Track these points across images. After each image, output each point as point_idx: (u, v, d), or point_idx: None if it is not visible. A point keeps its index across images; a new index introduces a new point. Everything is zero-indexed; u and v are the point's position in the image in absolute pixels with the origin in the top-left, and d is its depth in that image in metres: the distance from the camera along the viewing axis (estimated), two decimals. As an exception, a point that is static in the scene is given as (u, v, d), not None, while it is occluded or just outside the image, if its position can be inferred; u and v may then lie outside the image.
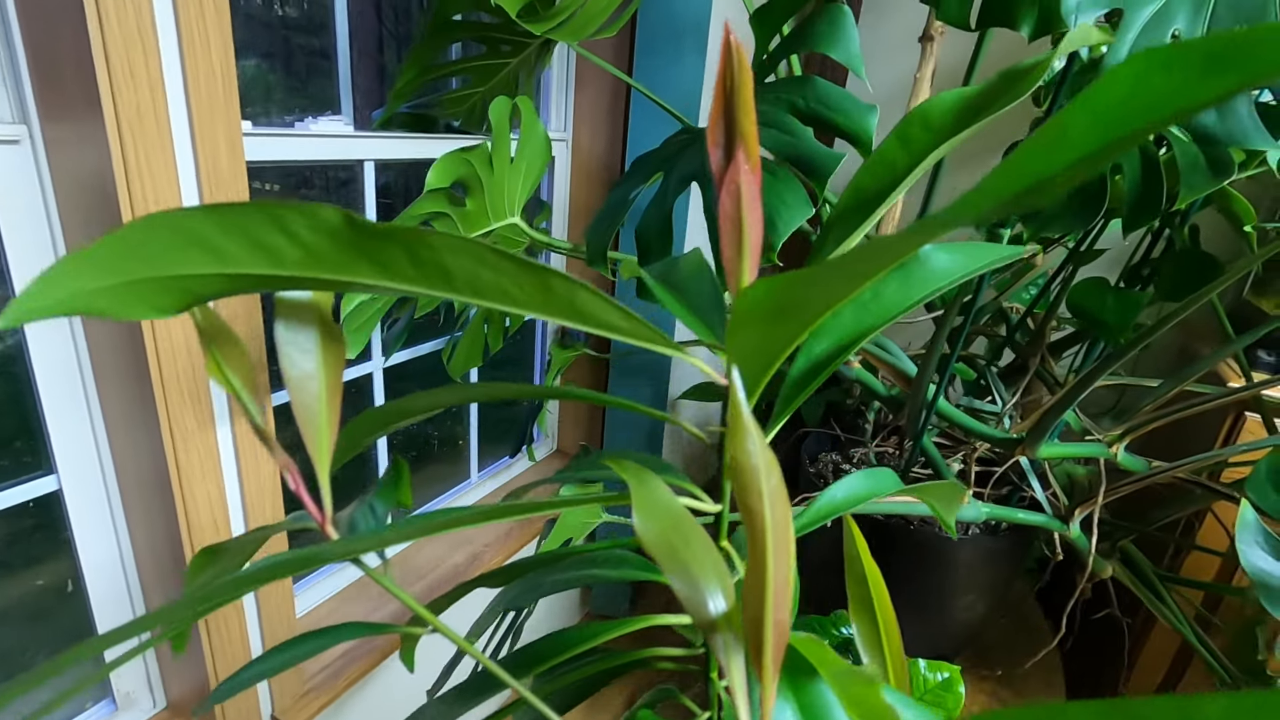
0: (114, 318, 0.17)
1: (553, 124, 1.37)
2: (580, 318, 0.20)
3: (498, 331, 1.23)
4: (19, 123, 0.67)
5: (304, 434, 0.21)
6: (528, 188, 0.85)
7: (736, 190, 0.21)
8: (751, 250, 0.21)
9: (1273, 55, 0.10)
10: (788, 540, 0.17)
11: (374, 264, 0.18)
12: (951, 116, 0.25)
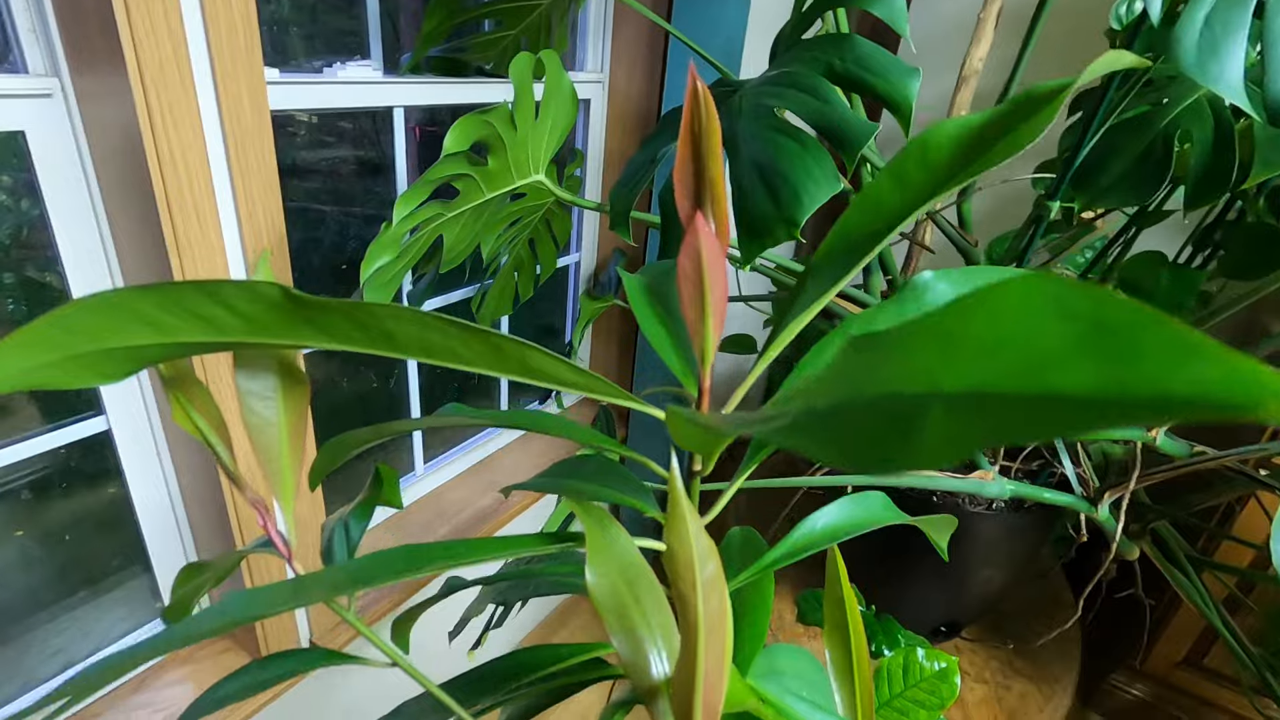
0: (62, 388, 0.17)
1: (589, 63, 1.32)
2: (532, 375, 0.20)
3: (528, 279, 1.22)
4: (50, 75, 0.67)
5: (267, 475, 0.22)
6: (554, 143, 0.82)
7: (696, 253, 0.19)
8: (715, 314, 0.20)
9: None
10: (722, 628, 0.17)
11: (317, 329, 0.18)
12: (951, 152, 0.23)
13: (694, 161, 0.20)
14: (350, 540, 0.29)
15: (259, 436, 0.22)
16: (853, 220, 0.24)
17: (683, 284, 0.20)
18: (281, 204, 0.78)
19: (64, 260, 0.73)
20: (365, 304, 0.17)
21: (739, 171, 0.66)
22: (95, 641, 0.91)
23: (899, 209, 0.23)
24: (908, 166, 0.23)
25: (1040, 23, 0.85)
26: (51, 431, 0.78)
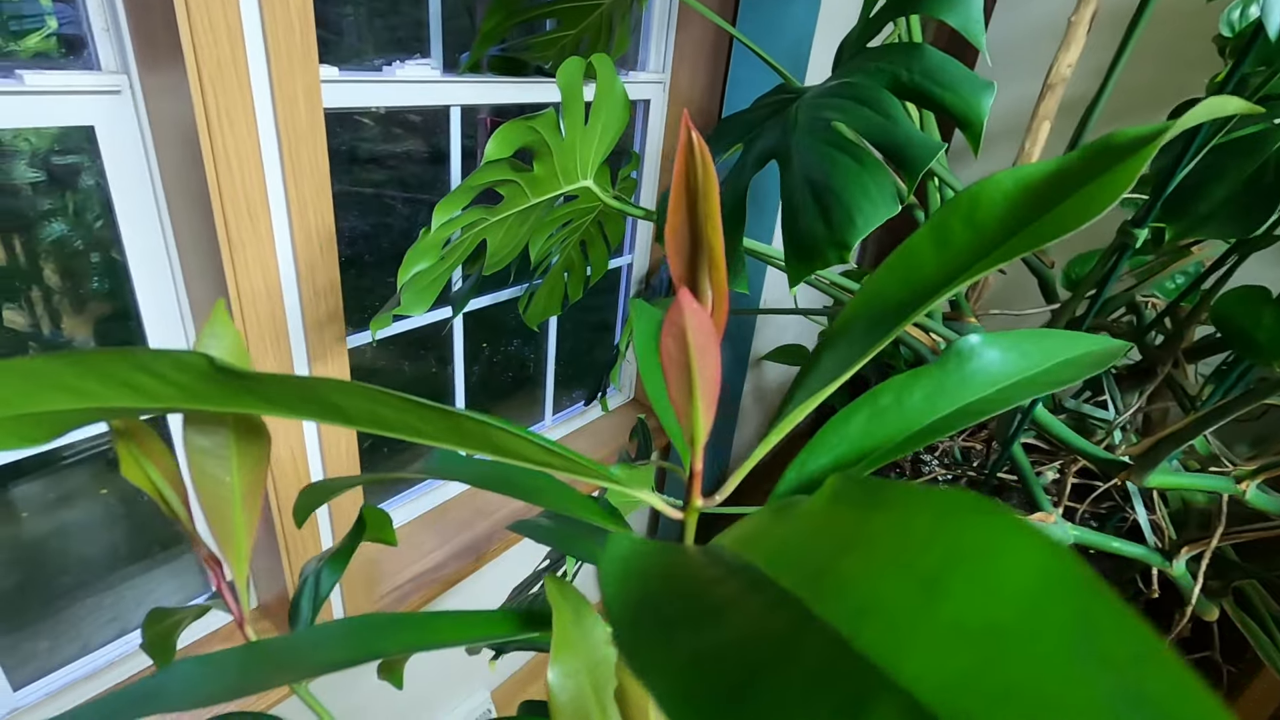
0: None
1: (651, 63, 1.30)
2: (497, 451, 0.18)
3: (578, 281, 1.21)
4: (120, 72, 0.69)
5: (217, 537, 0.21)
6: (603, 148, 0.81)
7: (681, 333, 0.17)
8: (705, 398, 0.17)
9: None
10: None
11: (257, 398, 0.16)
12: (1006, 212, 0.19)
13: (689, 224, 0.18)
14: (319, 594, 0.28)
15: (209, 496, 0.21)
16: (883, 284, 0.21)
17: (667, 366, 0.17)
18: (331, 202, 0.79)
19: (127, 254, 0.76)
20: (308, 379, 0.15)
21: (790, 187, 0.62)
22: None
23: (936, 277, 0.20)
24: (952, 224, 0.20)
25: (1140, 27, 0.78)
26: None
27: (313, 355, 0.84)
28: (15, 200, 0.95)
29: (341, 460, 0.91)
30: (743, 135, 0.75)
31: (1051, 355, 0.24)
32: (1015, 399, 0.23)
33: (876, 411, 0.25)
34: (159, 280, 0.78)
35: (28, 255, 1.37)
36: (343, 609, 1.04)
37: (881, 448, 0.24)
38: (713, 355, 0.17)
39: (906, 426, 0.24)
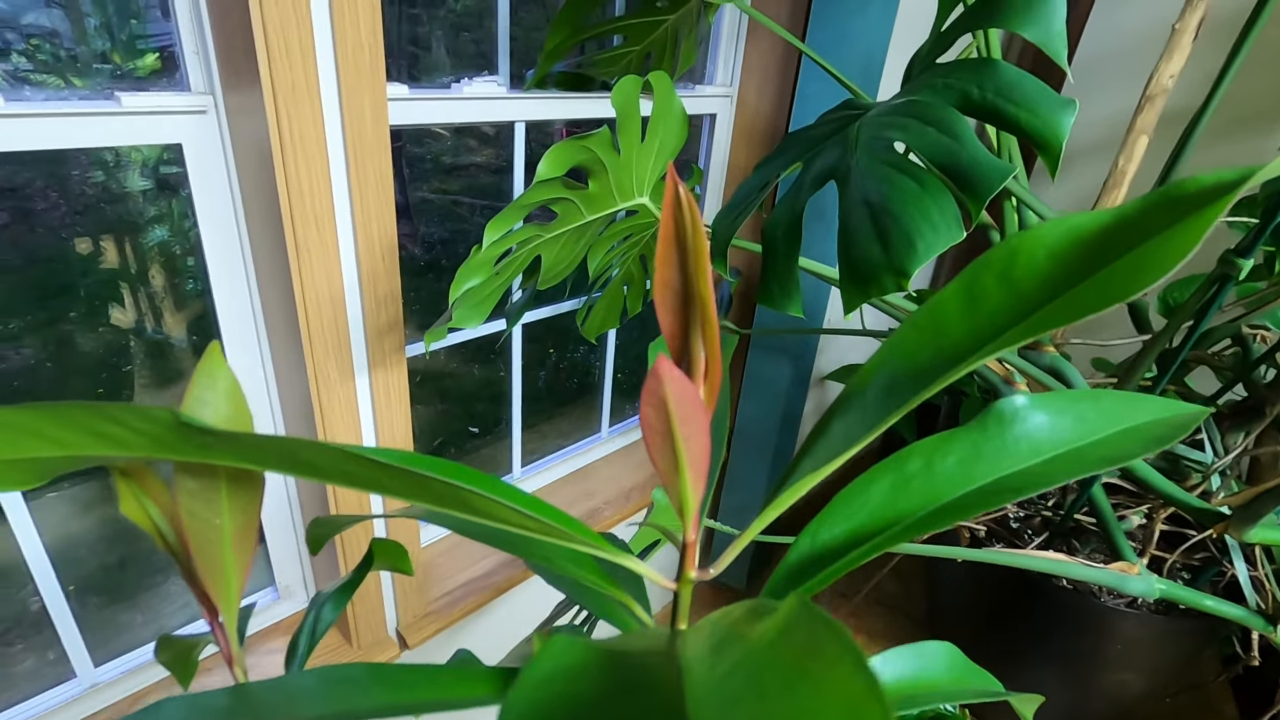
0: (-28, 488, 0.16)
1: (718, 77, 1.28)
2: (470, 511, 0.17)
3: (638, 295, 1.21)
4: (206, 93, 0.74)
5: (206, 578, 0.21)
6: (660, 165, 0.80)
7: (662, 403, 0.16)
8: (693, 469, 0.16)
9: None
10: None
11: (230, 450, 0.16)
12: (1050, 270, 0.17)
13: (680, 278, 0.16)
14: (317, 632, 0.28)
15: (198, 537, 0.21)
16: (907, 343, 0.19)
17: (649, 436, 0.16)
18: (394, 215, 0.81)
19: (208, 260, 0.80)
20: (276, 438, 0.15)
21: (848, 208, 0.60)
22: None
23: (964, 343, 0.18)
24: (985, 281, 0.18)
25: (1254, 31, 0.72)
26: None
27: (373, 362, 0.86)
28: (126, 207, 1.03)
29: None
30: (803, 153, 0.73)
31: (1111, 422, 0.21)
32: (1063, 475, 0.20)
33: (903, 478, 0.22)
34: (236, 285, 0.83)
35: (135, 258, 1.47)
36: (395, 612, 1.06)
37: (903, 521, 0.21)
38: (699, 425, 0.16)
39: (935, 498, 0.21)
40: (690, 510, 0.18)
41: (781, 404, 1.44)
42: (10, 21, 0.81)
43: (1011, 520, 1.02)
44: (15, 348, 1.64)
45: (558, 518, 0.18)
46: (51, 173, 1.19)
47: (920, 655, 0.26)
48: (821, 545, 0.23)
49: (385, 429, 0.91)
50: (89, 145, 0.69)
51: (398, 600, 1.05)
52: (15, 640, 0.92)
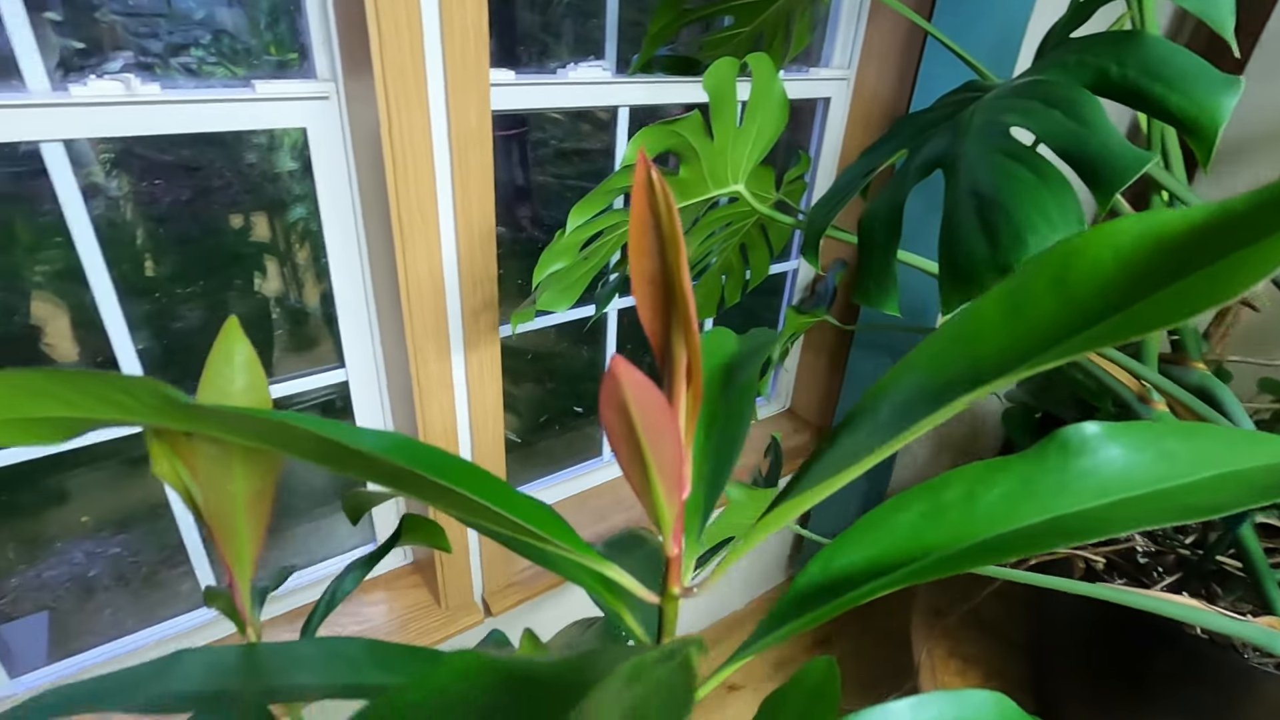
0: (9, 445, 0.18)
1: (835, 59, 1.22)
2: (463, 512, 0.16)
3: (736, 285, 1.19)
4: (330, 80, 0.79)
5: (220, 540, 0.22)
6: (758, 152, 0.77)
7: (622, 405, 0.14)
8: (664, 476, 0.15)
9: None
10: None
11: (213, 422, 0.16)
12: (1115, 274, 0.14)
13: (660, 271, 0.15)
14: (334, 600, 0.29)
15: (212, 500, 0.22)
16: (938, 350, 0.16)
17: (614, 441, 0.15)
18: (493, 199, 0.83)
19: (328, 241, 0.86)
20: (254, 413, 0.15)
21: (953, 200, 0.55)
22: (331, 548, 1.10)
23: (1001, 356, 0.15)
24: (1034, 287, 0.15)
25: None
26: (316, 374, 0.94)
27: (468, 340, 0.90)
28: (277, 187, 1.13)
29: (488, 429, 0.98)
30: (912, 139, 0.67)
31: (1205, 464, 0.17)
32: (1132, 522, 0.17)
33: (936, 508, 0.20)
34: (351, 263, 0.88)
35: (280, 233, 1.61)
36: (481, 580, 1.11)
37: (929, 555, 0.19)
38: (668, 432, 0.15)
39: (970, 534, 0.19)
40: (667, 521, 0.17)
41: (885, 406, 1.37)
42: (171, 18, 0.91)
43: (1139, 554, 0.90)
44: (190, 309, 1.85)
45: (545, 530, 0.17)
46: (227, 154, 1.33)
47: (961, 705, 0.23)
48: (835, 572, 0.20)
49: (478, 404, 0.95)
50: (229, 129, 0.75)
51: (484, 568, 1.10)
52: (160, 569, 1.05)
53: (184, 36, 1.11)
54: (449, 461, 0.18)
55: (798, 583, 0.22)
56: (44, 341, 1.96)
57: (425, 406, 0.89)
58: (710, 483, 0.23)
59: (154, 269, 1.84)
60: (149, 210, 1.82)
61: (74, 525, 1.98)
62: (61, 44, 1.11)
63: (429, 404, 0.89)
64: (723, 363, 0.29)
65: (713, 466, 0.23)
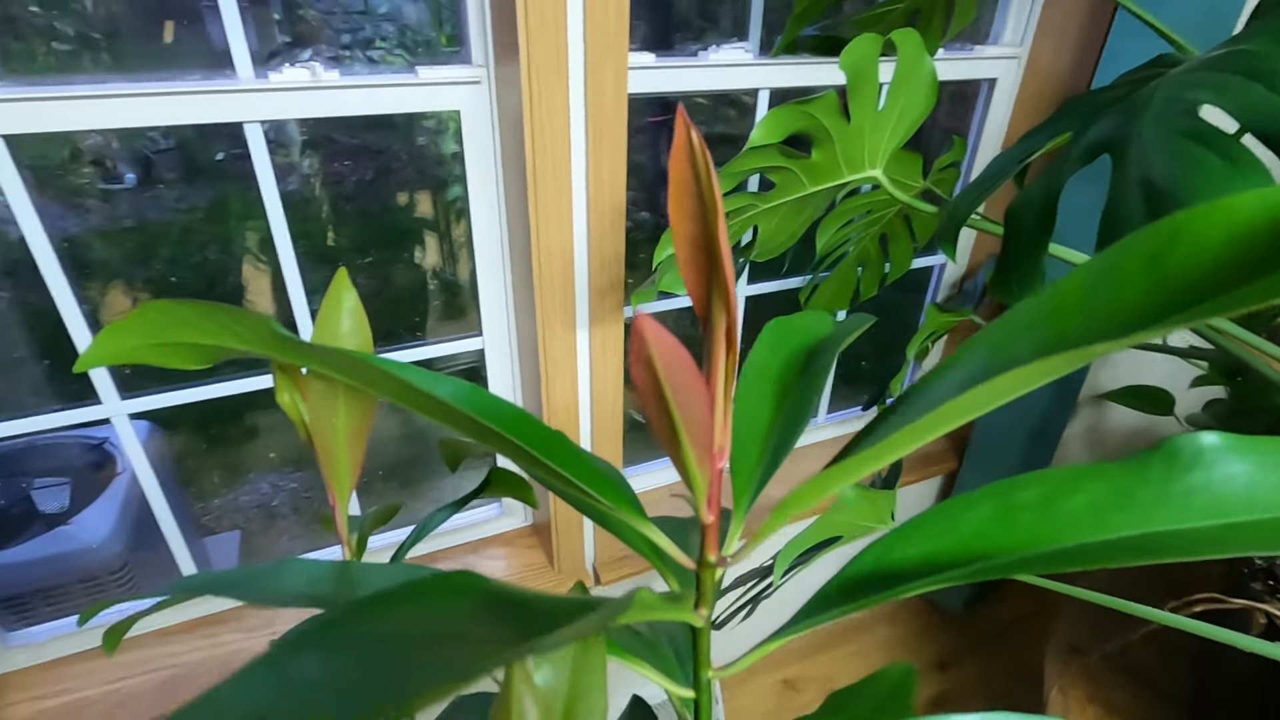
0: (160, 365, 0.21)
1: (1005, 36, 1.11)
2: (527, 462, 0.17)
3: (874, 278, 1.13)
4: (482, 65, 0.84)
5: (324, 468, 0.24)
6: (899, 135, 0.72)
7: (647, 360, 0.14)
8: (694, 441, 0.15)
9: None
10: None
11: (311, 356, 0.19)
12: (1223, 253, 0.11)
13: (702, 232, 0.15)
14: (419, 536, 0.31)
15: (319, 432, 0.25)
16: (1005, 332, 0.15)
17: (643, 399, 0.15)
18: (625, 181, 0.85)
19: (473, 218, 0.92)
20: (347, 353, 0.17)
21: (1118, 189, 0.49)
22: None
23: (1077, 337, 0.13)
24: (1127, 266, 0.13)
25: None
26: (458, 340, 1.02)
27: (593, 317, 0.93)
28: (441, 168, 1.23)
29: (608, 401, 1.01)
30: (1079, 120, 0.61)
31: None
32: (1250, 544, 0.15)
33: (1007, 508, 0.18)
34: (492, 238, 0.94)
35: (439, 211, 1.75)
36: (593, 550, 1.15)
37: (993, 558, 0.17)
38: (696, 393, 0.14)
39: (1042, 539, 0.17)
40: (700, 488, 0.17)
41: (1034, 417, 1.25)
42: (360, 14, 1.00)
43: (1253, 583, 0.76)
44: (364, 277, 2.06)
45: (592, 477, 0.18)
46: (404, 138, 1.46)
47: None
48: (889, 564, 0.19)
49: (599, 379, 0.98)
50: (394, 111, 0.83)
51: (596, 537, 1.14)
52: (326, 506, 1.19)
53: (371, 30, 1.23)
54: (511, 412, 0.19)
55: (847, 570, 0.21)
56: (245, 298, 2.25)
57: (550, 378, 0.93)
58: (769, 459, 0.22)
59: (335, 239, 2.06)
60: (338, 188, 2.04)
61: (263, 460, 2.29)
62: (276, 38, 1.26)
63: (553, 376, 0.94)
64: (809, 344, 0.28)
65: (775, 444, 0.23)
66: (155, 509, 0.94)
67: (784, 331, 0.29)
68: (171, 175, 2.32)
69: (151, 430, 1.70)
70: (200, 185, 2.31)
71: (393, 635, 0.09)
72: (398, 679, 0.09)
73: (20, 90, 0.66)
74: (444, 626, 0.10)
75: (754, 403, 0.25)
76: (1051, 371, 0.14)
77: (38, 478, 1.62)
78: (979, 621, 1.64)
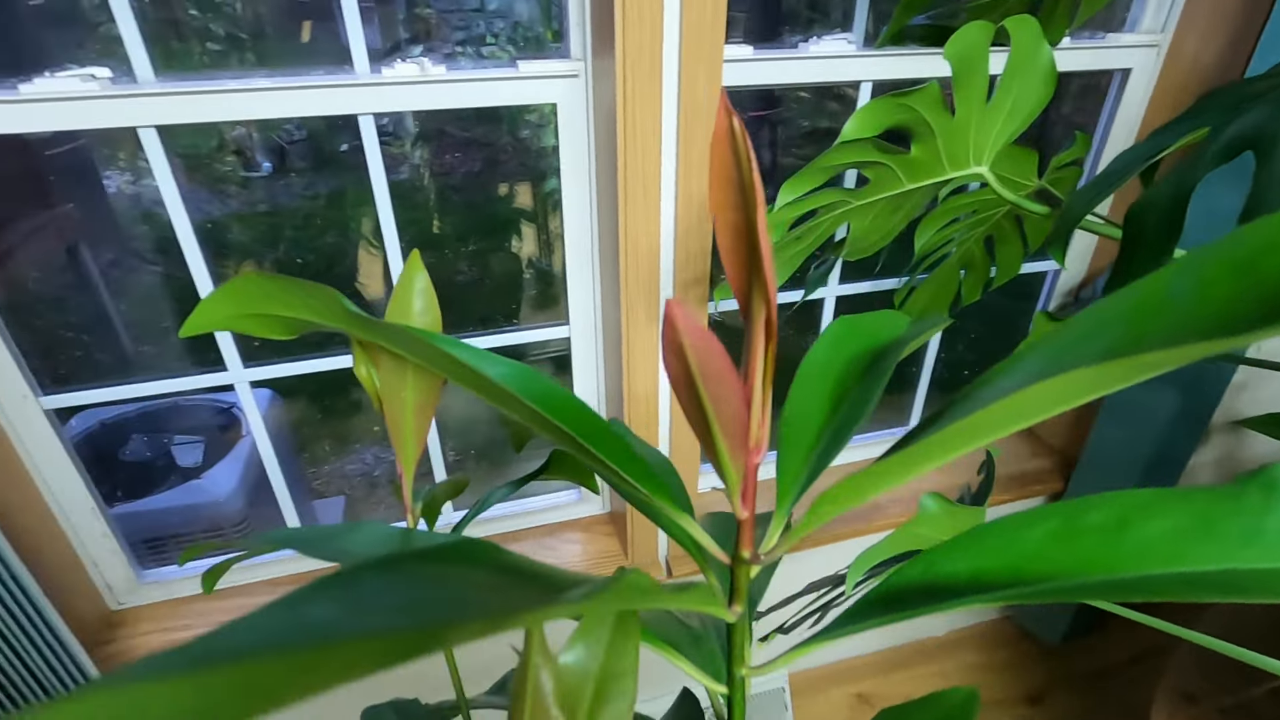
0: (252, 334, 0.23)
1: (1143, 23, 1.02)
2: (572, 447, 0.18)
3: (977, 283, 1.07)
4: (580, 59, 0.86)
5: (392, 438, 0.26)
6: (1010, 130, 0.67)
7: (679, 349, 0.14)
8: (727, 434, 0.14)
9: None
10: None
11: (375, 331, 0.20)
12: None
13: (745, 222, 0.14)
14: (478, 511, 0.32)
15: (389, 403, 0.26)
16: (1072, 334, 0.13)
17: (675, 389, 0.15)
18: (715, 175, 0.84)
19: (565, 210, 0.95)
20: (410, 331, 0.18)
21: (1261, 190, 0.44)
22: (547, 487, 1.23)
23: (1156, 338, 0.12)
24: (1210, 273, 0.12)
25: None
26: (546, 328, 1.05)
27: (677, 311, 0.93)
28: (540, 162, 1.26)
29: (685, 410, 1.01)
30: (1220, 115, 0.55)
31: None
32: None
33: (1071, 530, 0.16)
34: (582, 229, 0.96)
35: (536, 202, 1.80)
36: (666, 544, 1.16)
37: (1049, 581, 0.15)
38: (729, 385, 0.14)
39: (1107, 566, 0.15)
40: (734, 481, 0.16)
41: (1156, 441, 1.14)
42: (474, 13, 1.04)
43: None
44: (466, 264, 2.16)
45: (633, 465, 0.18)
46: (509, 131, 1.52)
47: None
48: (936, 576, 0.18)
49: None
50: (496, 103, 0.86)
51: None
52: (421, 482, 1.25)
53: (485, 27, 1.28)
54: (559, 396, 0.20)
55: (892, 578, 0.20)
56: (358, 281, 2.40)
57: (631, 368, 0.95)
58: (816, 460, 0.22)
59: (440, 227, 2.16)
60: (447, 179, 2.14)
61: (368, 432, 2.44)
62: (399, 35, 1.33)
63: (635, 366, 0.95)
64: (876, 345, 0.27)
65: (825, 445, 0.22)
66: (269, 470, 1.02)
67: (850, 330, 0.28)
68: (302, 165, 2.51)
69: (272, 398, 1.85)
70: (326, 174, 2.50)
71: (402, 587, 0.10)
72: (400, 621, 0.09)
73: (172, 85, 0.73)
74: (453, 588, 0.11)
75: (807, 401, 0.25)
76: (1116, 379, 0.13)
77: (178, 435, 1.81)
78: (1078, 657, 1.52)
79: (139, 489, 1.62)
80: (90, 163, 2.06)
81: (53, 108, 0.71)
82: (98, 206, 2.17)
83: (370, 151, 0.85)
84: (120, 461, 1.69)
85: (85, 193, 2.03)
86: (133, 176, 2.32)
